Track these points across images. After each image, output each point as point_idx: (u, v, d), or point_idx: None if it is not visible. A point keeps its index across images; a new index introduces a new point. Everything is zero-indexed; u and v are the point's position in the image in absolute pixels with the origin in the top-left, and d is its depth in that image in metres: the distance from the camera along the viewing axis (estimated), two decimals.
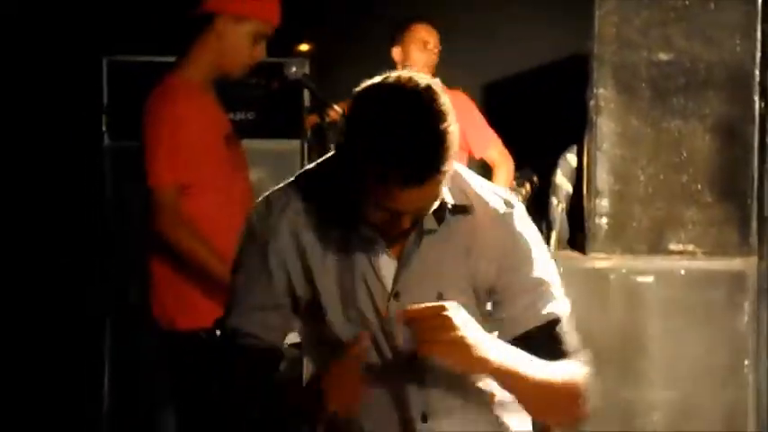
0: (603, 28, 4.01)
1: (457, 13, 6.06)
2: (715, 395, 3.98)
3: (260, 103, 5.51)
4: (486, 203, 2.29)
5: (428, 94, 2.08)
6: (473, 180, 2.33)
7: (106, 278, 5.52)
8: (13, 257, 5.69)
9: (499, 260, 2.27)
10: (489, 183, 2.37)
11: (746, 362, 3.96)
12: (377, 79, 2.13)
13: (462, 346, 2.09)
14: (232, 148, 3.82)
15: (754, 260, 3.99)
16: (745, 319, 3.97)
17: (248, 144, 4.05)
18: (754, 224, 4.01)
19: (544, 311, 2.27)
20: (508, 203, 2.32)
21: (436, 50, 5.51)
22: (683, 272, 3.99)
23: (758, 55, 3.98)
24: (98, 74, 5.46)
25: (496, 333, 2.26)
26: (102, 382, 5.49)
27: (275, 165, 5.21)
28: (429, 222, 2.21)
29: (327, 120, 4.40)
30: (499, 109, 6.10)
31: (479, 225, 2.26)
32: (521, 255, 2.29)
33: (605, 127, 4.02)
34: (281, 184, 2.35)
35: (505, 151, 5.60)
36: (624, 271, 3.99)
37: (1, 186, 5.69)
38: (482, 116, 5.67)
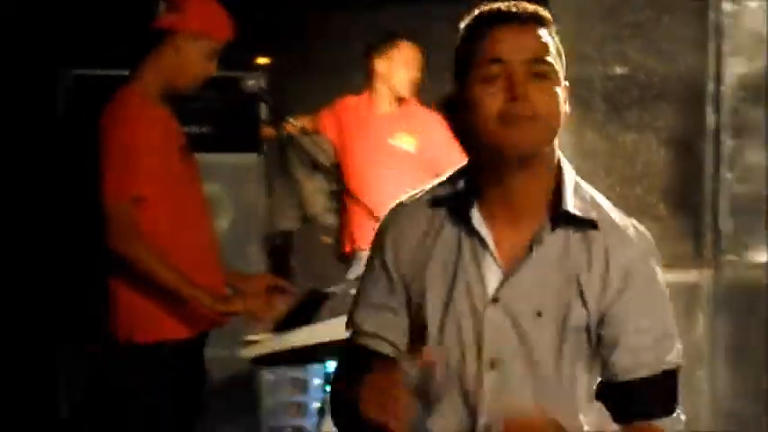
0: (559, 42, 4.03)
1: (413, 28, 6.08)
2: None
3: (216, 117, 5.49)
4: (620, 226, 2.19)
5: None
6: (605, 201, 2.24)
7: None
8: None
9: (622, 285, 2.15)
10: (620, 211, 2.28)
11: (701, 372, 3.99)
12: None
13: None
14: (187, 161, 3.81)
15: (708, 272, 4.02)
16: (701, 330, 4.00)
17: (205, 158, 4.02)
18: (709, 236, 4.04)
19: (666, 358, 2.15)
20: (643, 234, 2.22)
21: (420, 69, 5.47)
22: None
23: (711, 68, 4.02)
24: None
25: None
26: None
27: (232, 178, 5.18)
28: (543, 235, 2.15)
29: (285, 133, 4.40)
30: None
31: (608, 245, 2.16)
32: (647, 289, 2.19)
33: (561, 140, 4.03)
34: (412, 192, 2.32)
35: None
36: None
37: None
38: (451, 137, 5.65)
